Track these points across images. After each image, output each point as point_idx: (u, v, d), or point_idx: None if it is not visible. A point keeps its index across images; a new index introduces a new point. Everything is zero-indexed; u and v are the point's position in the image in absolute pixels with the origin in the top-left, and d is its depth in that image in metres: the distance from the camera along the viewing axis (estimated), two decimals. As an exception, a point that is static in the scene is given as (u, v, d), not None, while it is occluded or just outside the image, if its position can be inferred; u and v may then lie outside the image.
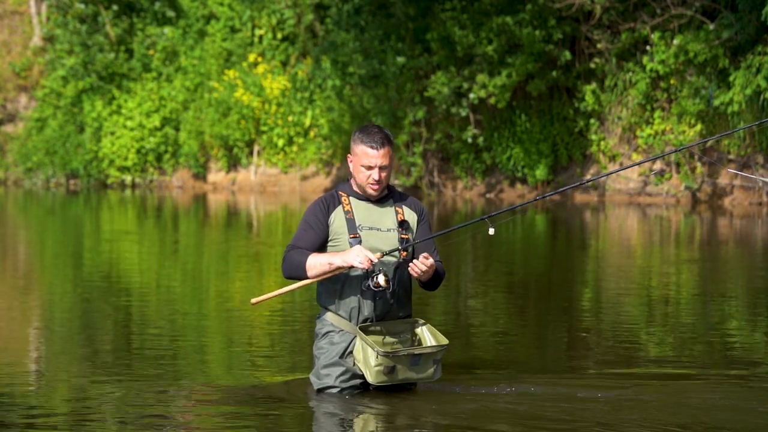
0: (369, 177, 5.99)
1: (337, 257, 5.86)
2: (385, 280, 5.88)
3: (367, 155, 5.97)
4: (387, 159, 5.99)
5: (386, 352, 5.85)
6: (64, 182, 33.06)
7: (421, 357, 5.95)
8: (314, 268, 5.90)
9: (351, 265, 5.83)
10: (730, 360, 7.36)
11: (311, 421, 5.72)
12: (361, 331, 5.93)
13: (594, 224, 19.87)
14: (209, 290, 11.26)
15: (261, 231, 19.19)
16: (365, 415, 5.75)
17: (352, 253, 5.83)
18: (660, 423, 5.57)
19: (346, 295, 5.99)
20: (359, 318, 6.00)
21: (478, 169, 26.81)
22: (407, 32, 26.54)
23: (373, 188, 6.01)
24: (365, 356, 5.89)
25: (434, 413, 5.78)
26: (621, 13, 24.62)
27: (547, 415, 5.74)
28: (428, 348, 5.98)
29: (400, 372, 5.91)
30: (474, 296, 10.71)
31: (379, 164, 5.97)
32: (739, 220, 19.91)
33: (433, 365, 6.01)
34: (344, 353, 6.00)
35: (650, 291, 11.04)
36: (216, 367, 7.16)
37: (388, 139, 6.01)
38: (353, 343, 5.98)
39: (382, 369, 5.86)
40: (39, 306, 10.04)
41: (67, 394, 6.27)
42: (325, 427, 5.63)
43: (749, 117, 22.18)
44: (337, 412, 5.77)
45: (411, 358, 5.92)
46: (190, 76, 31.41)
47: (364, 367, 5.91)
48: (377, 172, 5.97)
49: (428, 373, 6.00)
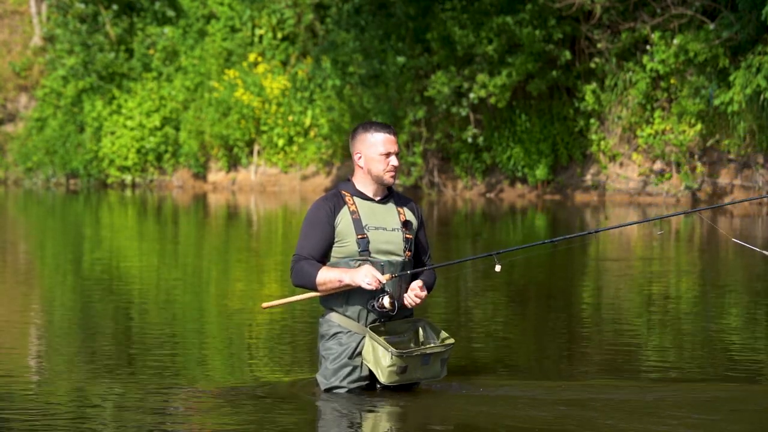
0: (388, 164, 6.04)
1: (347, 275, 5.89)
2: (390, 303, 5.92)
3: (385, 141, 6.05)
4: (398, 146, 6.10)
5: (401, 352, 5.86)
6: (64, 182, 33.07)
7: (431, 356, 5.98)
8: (324, 284, 5.94)
9: (359, 285, 5.86)
10: (730, 362, 7.35)
11: (319, 422, 5.72)
12: (372, 332, 5.95)
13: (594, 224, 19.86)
14: (209, 290, 11.25)
15: (261, 231, 19.19)
16: (373, 415, 5.76)
17: (361, 274, 5.85)
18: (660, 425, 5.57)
19: (354, 297, 6.00)
20: (368, 319, 6.01)
21: (478, 168, 26.81)
22: (407, 32, 26.54)
23: (392, 175, 6.07)
24: (376, 356, 5.90)
25: (431, 413, 5.79)
26: (621, 12, 24.62)
27: (548, 417, 5.74)
28: (439, 347, 6.01)
29: (411, 371, 5.95)
30: (473, 297, 10.71)
31: (396, 150, 6.06)
32: (739, 220, 19.90)
33: (440, 364, 6.05)
34: (353, 354, 6.01)
35: (650, 291, 11.03)
36: (216, 366, 7.15)
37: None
38: (361, 344, 5.99)
39: (395, 369, 5.88)
40: (39, 306, 10.04)
41: (67, 394, 6.26)
42: (332, 427, 5.63)
43: (749, 116, 22.19)
44: (344, 412, 5.77)
45: (422, 357, 5.95)
46: (190, 76, 31.41)
47: (375, 367, 5.91)
48: (395, 158, 6.06)
49: (436, 371, 6.05)
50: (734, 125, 22.73)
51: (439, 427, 5.61)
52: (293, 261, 6.01)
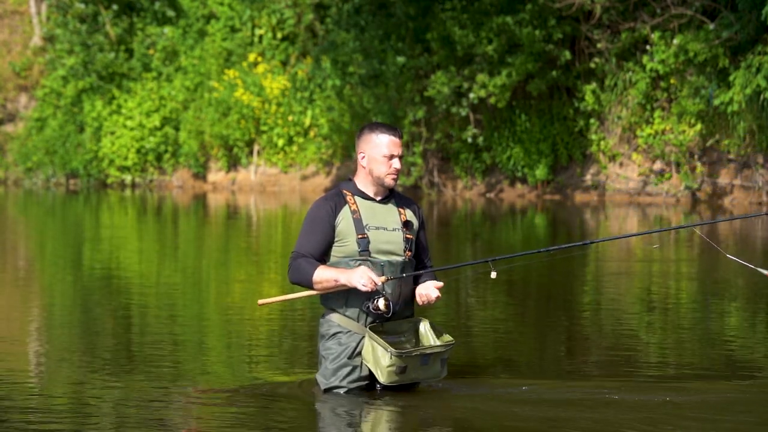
0: (390, 166, 6.03)
1: (343, 276, 5.89)
2: (384, 305, 5.92)
3: (389, 143, 6.03)
4: (402, 149, 6.08)
5: (400, 352, 5.86)
6: (64, 182, 33.07)
7: (431, 356, 5.98)
8: (320, 282, 5.94)
9: (354, 286, 5.86)
10: (730, 362, 7.35)
11: (318, 421, 5.72)
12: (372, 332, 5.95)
13: (594, 224, 19.86)
14: (209, 289, 11.25)
15: (261, 230, 19.19)
16: (373, 415, 5.76)
17: (356, 275, 5.85)
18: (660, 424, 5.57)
19: (353, 297, 5.99)
20: (367, 319, 6.01)
21: (478, 168, 26.81)
22: (407, 32, 26.53)
23: (393, 178, 6.06)
24: (375, 356, 5.89)
25: (431, 413, 5.79)
26: (621, 12, 24.61)
27: (547, 416, 5.74)
28: (439, 347, 6.00)
29: (410, 371, 5.94)
30: (474, 296, 10.71)
31: (399, 153, 6.04)
32: (739, 220, 19.89)
33: (440, 364, 6.04)
34: (353, 354, 6.01)
35: (650, 291, 11.03)
36: (216, 366, 7.15)
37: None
38: (361, 344, 5.99)
39: (394, 369, 5.87)
40: (39, 306, 10.04)
41: (67, 394, 6.26)
42: (332, 427, 5.63)
43: (749, 116, 22.18)
44: (344, 412, 5.77)
45: (421, 357, 5.95)
46: (190, 76, 31.41)
47: (374, 367, 5.91)
48: (398, 161, 6.04)
49: (436, 371, 6.04)
50: (734, 125, 22.73)
51: (439, 427, 5.61)
52: (291, 258, 6.02)
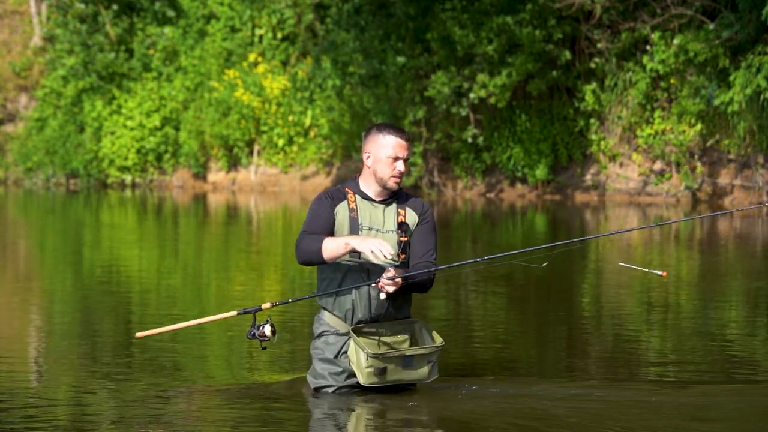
0: (394, 168, 5.98)
1: (355, 239, 5.76)
2: (271, 331, 5.92)
3: (395, 145, 5.97)
4: (408, 152, 6.03)
5: (375, 354, 5.82)
6: (64, 182, 33.08)
7: (414, 358, 5.91)
8: (329, 249, 5.81)
9: (363, 251, 5.72)
10: (730, 363, 7.35)
11: (308, 420, 5.72)
12: (354, 332, 5.92)
13: (594, 224, 19.86)
14: (209, 289, 11.25)
15: (261, 231, 19.20)
16: (360, 414, 5.75)
17: (369, 241, 5.72)
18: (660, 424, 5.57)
19: (341, 296, 5.97)
20: (353, 319, 5.98)
21: (478, 168, 26.82)
22: (407, 32, 26.54)
23: (396, 181, 5.99)
24: (358, 358, 5.88)
25: (430, 413, 5.78)
26: (621, 12, 24.62)
27: (546, 415, 5.74)
28: (420, 349, 5.94)
29: (391, 373, 5.88)
30: (473, 297, 10.71)
31: (405, 155, 5.99)
32: (739, 220, 19.91)
33: (427, 365, 5.96)
34: (338, 353, 5.99)
35: (650, 291, 11.03)
36: (216, 366, 7.15)
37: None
38: (348, 344, 5.98)
39: (372, 370, 5.84)
40: (39, 306, 10.04)
41: (67, 394, 6.27)
42: (331, 426, 5.63)
43: (749, 116, 22.19)
44: (332, 412, 5.77)
45: (403, 359, 5.89)
46: (190, 76, 31.42)
47: (356, 368, 5.90)
48: (402, 163, 5.99)
49: (422, 374, 5.96)
50: (734, 125, 22.73)
51: (437, 427, 5.61)
52: (298, 239, 5.92)
